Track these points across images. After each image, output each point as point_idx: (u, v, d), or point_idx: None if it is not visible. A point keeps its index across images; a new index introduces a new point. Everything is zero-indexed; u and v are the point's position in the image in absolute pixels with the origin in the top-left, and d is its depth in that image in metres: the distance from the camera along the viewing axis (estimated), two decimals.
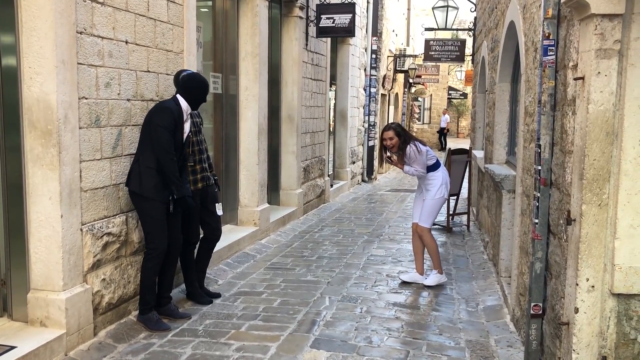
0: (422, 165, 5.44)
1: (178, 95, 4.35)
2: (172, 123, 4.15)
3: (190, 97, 4.34)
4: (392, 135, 5.46)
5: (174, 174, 4.14)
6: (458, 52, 14.85)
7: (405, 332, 4.36)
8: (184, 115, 4.31)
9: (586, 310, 2.82)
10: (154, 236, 4.23)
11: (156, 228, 4.21)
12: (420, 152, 5.40)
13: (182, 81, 4.39)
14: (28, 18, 3.55)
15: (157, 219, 4.20)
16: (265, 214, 7.26)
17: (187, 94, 4.34)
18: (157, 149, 4.12)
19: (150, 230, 4.25)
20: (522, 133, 4.42)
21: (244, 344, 4.05)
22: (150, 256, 4.25)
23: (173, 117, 4.16)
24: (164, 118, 4.14)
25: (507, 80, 6.11)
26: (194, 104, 4.40)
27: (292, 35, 8.40)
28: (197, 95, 4.38)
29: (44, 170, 3.64)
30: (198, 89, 4.38)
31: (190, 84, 4.36)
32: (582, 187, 2.77)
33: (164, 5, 4.78)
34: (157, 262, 4.26)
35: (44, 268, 3.72)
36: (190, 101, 4.35)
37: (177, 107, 4.25)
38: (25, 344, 3.48)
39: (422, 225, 5.61)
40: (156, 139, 4.12)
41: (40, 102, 3.59)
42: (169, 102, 4.28)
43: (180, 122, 4.25)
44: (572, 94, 3.05)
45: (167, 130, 4.13)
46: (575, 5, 2.80)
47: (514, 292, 4.44)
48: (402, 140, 5.44)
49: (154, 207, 4.18)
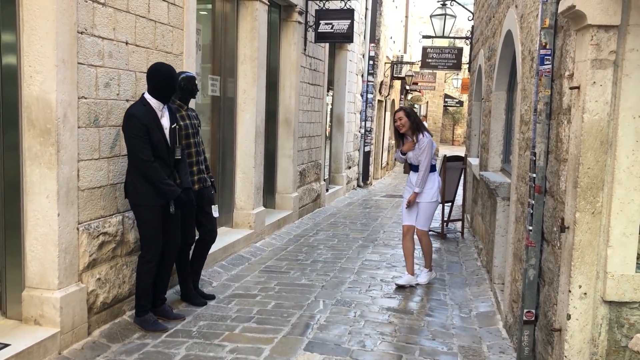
0: (428, 158, 5.58)
1: (145, 93, 4.15)
2: (141, 129, 3.99)
3: (157, 91, 4.11)
4: (402, 115, 5.62)
5: (158, 180, 4.06)
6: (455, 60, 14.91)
7: (399, 336, 4.38)
8: (157, 112, 4.12)
9: (578, 317, 2.85)
10: (149, 241, 4.22)
11: (151, 233, 4.20)
12: (432, 144, 5.64)
13: (147, 77, 4.19)
14: (29, 17, 3.57)
15: (153, 225, 4.19)
16: (260, 217, 7.27)
17: (152, 88, 4.12)
18: (134, 159, 4.06)
19: (146, 235, 4.24)
20: (518, 141, 4.46)
21: (238, 345, 4.06)
22: (145, 259, 4.25)
23: (140, 122, 3.99)
24: (131, 126, 4.01)
25: (503, 89, 6.16)
26: (163, 98, 4.15)
27: (290, 39, 8.44)
28: (162, 87, 4.12)
29: (42, 168, 3.65)
30: (161, 81, 4.11)
31: (154, 78, 4.11)
32: (576, 195, 2.81)
33: (165, 7, 4.80)
34: (152, 265, 4.25)
35: (39, 266, 3.72)
36: (158, 96, 4.12)
37: (145, 108, 4.07)
38: (19, 341, 3.48)
39: (421, 229, 5.77)
40: (130, 150, 4.06)
41: (39, 101, 3.61)
42: (133, 107, 4.08)
43: (153, 122, 4.07)
44: (567, 103, 3.09)
45: (137, 137, 3.99)
46: (572, 16, 2.84)
47: (507, 298, 4.46)
48: (412, 121, 5.58)
49: (151, 212, 4.17)
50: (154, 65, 4.20)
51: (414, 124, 5.60)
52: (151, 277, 4.27)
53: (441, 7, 13.35)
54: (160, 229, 4.23)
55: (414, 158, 5.62)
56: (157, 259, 4.27)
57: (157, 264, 4.28)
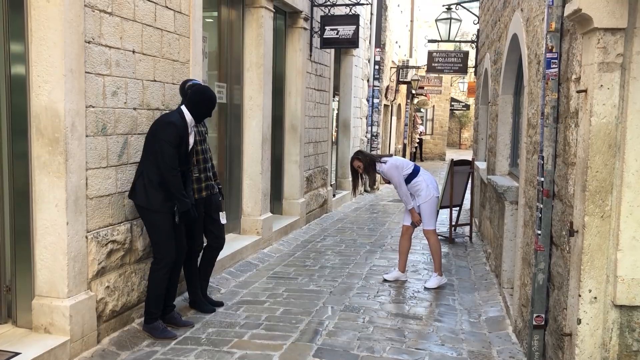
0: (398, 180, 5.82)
1: (183, 107, 4.31)
2: (176, 138, 4.13)
3: (196, 110, 4.31)
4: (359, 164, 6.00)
5: (178, 189, 4.14)
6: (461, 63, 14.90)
7: (408, 342, 4.36)
8: (189, 128, 4.29)
9: (589, 321, 2.83)
10: (163, 247, 4.24)
11: (165, 239, 4.22)
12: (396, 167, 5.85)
13: (190, 93, 4.34)
14: (38, 27, 3.60)
15: (165, 230, 4.21)
16: (268, 223, 7.28)
17: (193, 107, 4.30)
18: (161, 165, 4.11)
19: (159, 241, 4.25)
20: (525, 145, 4.44)
21: (247, 352, 4.06)
22: (159, 267, 4.26)
23: (177, 132, 4.13)
24: (169, 133, 4.12)
25: (510, 92, 6.15)
26: (198, 118, 4.36)
27: (296, 46, 8.47)
28: (202, 110, 4.34)
29: (51, 177, 3.67)
30: (205, 104, 4.34)
31: (198, 97, 4.31)
32: (585, 199, 2.79)
33: (171, 15, 4.83)
34: (166, 272, 4.26)
35: (48, 275, 3.74)
36: (195, 115, 4.31)
37: (182, 121, 4.23)
38: (30, 350, 3.50)
39: (427, 228, 5.95)
40: (161, 154, 4.11)
41: (48, 110, 3.63)
42: (173, 116, 4.23)
43: (185, 136, 4.23)
44: (574, 106, 3.08)
45: (172, 145, 4.11)
46: (578, 19, 2.84)
47: (517, 303, 4.44)
48: (365, 163, 5.94)
49: (162, 219, 4.20)
50: (201, 86, 4.46)
51: (368, 163, 5.94)
52: (165, 283, 4.28)
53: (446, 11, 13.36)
54: (173, 235, 4.25)
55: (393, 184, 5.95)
56: (172, 265, 4.28)
57: (170, 271, 4.29)
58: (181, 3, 4.98)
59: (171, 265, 4.28)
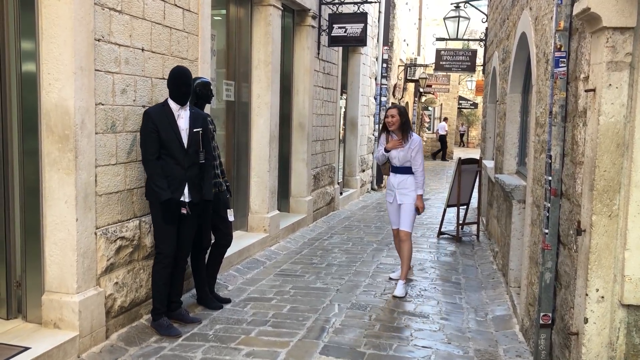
0: (422, 158, 5.53)
1: (168, 97, 4.33)
2: (149, 126, 4.14)
3: (173, 91, 4.28)
4: (395, 113, 5.51)
5: (152, 175, 4.14)
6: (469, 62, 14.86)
7: (414, 340, 4.37)
8: (175, 113, 4.25)
9: (596, 320, 2.83)
10: (159, 241, 4.28)
11: (161, 233, 4.26)
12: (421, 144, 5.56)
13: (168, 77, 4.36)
14: (48, 25, 3.63)
15: (161, 224, 4.24)
16: (275, 220, 7.30)
17: (170, 88, 4.30)
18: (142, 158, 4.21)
19: (156, 235, 4.31)
20: (533, 143, 4.44)
21: (254, 349, 4.08)
22: (157, 260, 4.31)
23: (151, 119, 4.14)
24: (143, 124, 4.20)
25: (518, 91, 6.13)
26: (179, 99, 4.27)
27: (304, 44, 8.48)
28: (176, 87, 4.25)
29: (61, 174, 3.71)
30: (174, 81, 4.26)
31: (169, 77, 4.31)
32: (593, 198, 2.79)
33: (180, 13, 4.85)
34: (164, 266, 4.28)
35: (58, 271, 3.78)
36: (174, 97, 4.27)
37: (163, 108, 4.23)
38: (39, 345, 3.54)
39: (406, 230, 5.62)
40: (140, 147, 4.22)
41: (58, 108, 3.66)
42: (152, 106, 4.31)
43: (165, 121, 4.19)
44: (583, 105, 3.07)
45: (144, 133, 4.16)
46: (587, 18, 2.83)
47: (523, 302, 4.44)
48: (402, 121, 5.49)
49: (158, 212, 4.23)
50: (171, 69, 4.35)
51: (405, 123, 5.52)
52: (163, 279, 4.31)
53: (455, 10, 13.31)
54: (172, 230, 4.27)
55: (400, 158, 5.53)
56: (170, 260, 4.30)
57: (169, 265, 4.31)
58: (190, 1, 5.00)
59: (169, 261, 4.30)
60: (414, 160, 5.48)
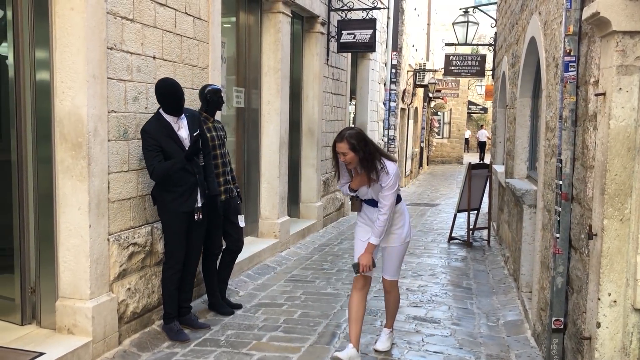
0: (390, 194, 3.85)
1: (160, 109, 4.21)
2: (150, 142, 4.08)
3: (164, 105, 4.16)
4: (346, 149, 3.78)
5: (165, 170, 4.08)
6: (478, 66, 14.85)
7: (426, 345, 4.36)
8: (173, 125, 4.18)
9: (608, 325, 2.82)
10: (170, 247, 4.31)
11: (172, 239, 4.29)
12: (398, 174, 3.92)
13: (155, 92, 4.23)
14: (62, 35, 3.68)
15: (175, 230, 4.27)
16: (285, 226, 7.32)
17: (161, 103, 4.19)
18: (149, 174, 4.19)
19: (167, 241, 4.34)
20: (543, 148, 4.43)
21: (265, 354, 4.09)
22: (166, 266, 4.34)
23: (149, 136, 4.09)
24: (143, 141, 4.12)
25: (528, 96, 6.13)
26: (172, 111, 4.17)
27: (313, 50, 8.52)
28: (167, 101, 4.14)
29: (74, 181, 3.75)
30: (164, 95, 4.13)
31: (158, 91, 4.15)
32: (604, 202, 2.79)
33: (190, 21, 4.90)
34: (174, 273, 4.32)
35: (72, 277, 3.81)
36: (167, 109, 4.16)
37: (158, 122, 4.15)
38: (54, 350, 3.57)
39: (391, 279, 4.18)
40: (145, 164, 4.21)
41: (71, 115, 3.71)
42: (146, 123, 4.17)
43: (164, 134, 4.14)
44: (593, 109, 3.07)
45: (147, 150, 4.09)
46: (597, 22, 2.84)
47: (535, 306, 4.42)
48: (361, 156, 3.79)
49: (170, 219, 4.25)
50: (157, 83, 4.20)
51: (366, 158, 3.80)
52: (174, 284, 4.34)
53: (463, 15, 13.32)
54: (184, 236, 4.30)
55: (373, 194, 3.99)
56: (180, 266, 4.34)
57: (180, 270, 4.35)
58: (200, 9, 5.05)
59: (179, 267, 4.33)
60: (382, 196, 3.85)
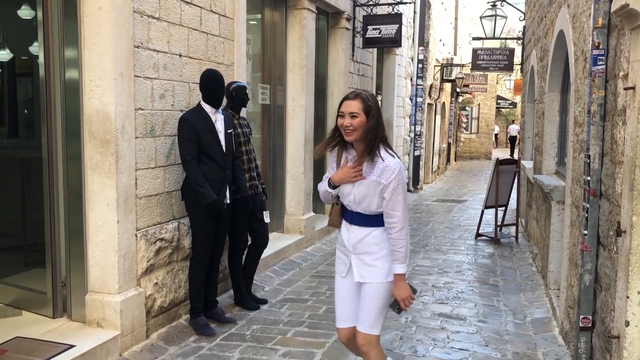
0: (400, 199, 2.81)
1: (201, 101, 4.38)
2: (189, 131, 4.17)
3: (206, 95, 4.33)
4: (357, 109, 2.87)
5: (196, 180, 4.17)
6: (506, 61, 14.63)
7: (451, 342, 4.34)
8: (212, 117, 4.32)
9: (637, 323, 2.76)
10: (198, 242, 4.38)
11: (199, 235, 4.35)
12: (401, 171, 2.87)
13: (199, 85, 4.42)
14: (89, 34, 3.75)
15: (200, 225, 4.33)
16: (310, 222, 7.34)
17: (203, 94, 4.35)
18: (181, 161, 4.26)
19: (196, 236, 4.40)
20: (572, 143, 4.36)
21: (290, 349, 4.12)
22: (194, 262, 4.41)
23: (190, 125, 4.17)
24: (181, 130, 4.20)
25: (556, 90, 6.02)
26: (213, 102, 4.33)
27: (338, 46, 8.50)
28: (210, 91, 4.31)
29: (102, 177, 3.83)
30: (207, 84, 4.32)
31: (201, 81, 4.36)
32: (633, 198, 2.73)
33: (216, 19, 4.94)
34: (201, 268, 4.38)
35: (100, 271, 3.90)
36: (209, 101, 4.32)
37: (198, 113, 4.28)
38: (84, 343, 3.66)
39: (368, 333, 2.98)
40: (179, 151, 4.26)
41: (99, 113, 3.78)
42: (187, 112, 4.32)
43: (205, 126, 4.25)
44: (622, 104, 3.00)
45: (185, 140, 4.17)
46: (626, 15, 2.77)
47: (563, 304, 4.36)
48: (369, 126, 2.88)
49: (198, 214, 4.31)
50: (202, 72, 4.41)
51: (373, 129, 2.87)
52: (201, 279, 4.41)
53: (491, 8, 13.14)
54: (212, 232, 4.36)
55: (358, 198, 2.88)
56: (207, 262, 4.40)
57: (207, 266, 4.41)
58: (225, 7, 5.09)
59: (206, 262, 4.39)
60: (389, 205, 2.79)
